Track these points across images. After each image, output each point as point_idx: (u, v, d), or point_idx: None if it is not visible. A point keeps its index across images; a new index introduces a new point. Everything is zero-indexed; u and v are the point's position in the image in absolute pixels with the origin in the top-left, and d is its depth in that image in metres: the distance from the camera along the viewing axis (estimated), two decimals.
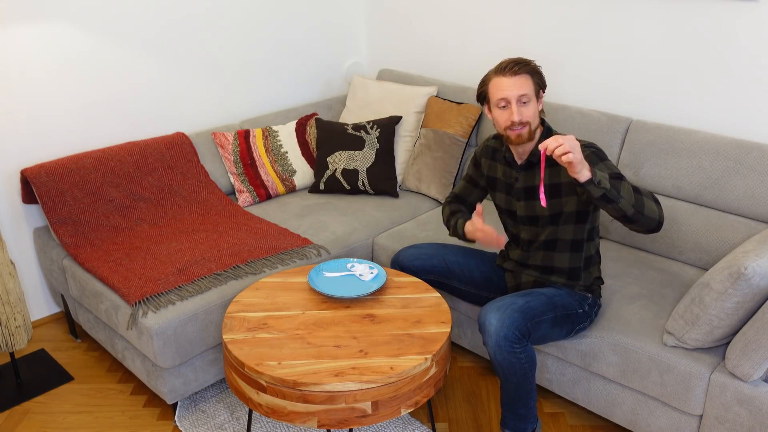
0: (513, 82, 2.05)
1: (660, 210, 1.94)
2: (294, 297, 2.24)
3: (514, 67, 2.05)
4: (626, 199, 1.88)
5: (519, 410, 2.17)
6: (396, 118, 3.23)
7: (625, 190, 1.88)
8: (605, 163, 2.01)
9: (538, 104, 2.11)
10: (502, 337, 2.01)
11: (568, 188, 2.12)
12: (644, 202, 1.91)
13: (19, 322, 2.51)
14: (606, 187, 1.84)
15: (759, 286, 1.92)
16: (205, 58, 3.23)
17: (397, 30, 3.70)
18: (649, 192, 1.96)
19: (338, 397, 1.84)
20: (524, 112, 2.07)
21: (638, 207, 1.89)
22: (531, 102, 2.07)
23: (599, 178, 1.84)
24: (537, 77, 2.08)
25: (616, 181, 1.88)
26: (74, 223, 2.68)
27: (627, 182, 1.91)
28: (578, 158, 1.79)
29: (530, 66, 2.08)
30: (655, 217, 1.92)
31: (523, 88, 2.05)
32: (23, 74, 2.70)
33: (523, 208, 2.23)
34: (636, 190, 1.92)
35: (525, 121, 2.07)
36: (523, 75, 2.06)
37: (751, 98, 2.56)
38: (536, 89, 2.09)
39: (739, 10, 2.50)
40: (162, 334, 2.25)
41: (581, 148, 2.05)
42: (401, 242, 2.80)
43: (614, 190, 1.86)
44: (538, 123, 2.12)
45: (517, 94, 2.05)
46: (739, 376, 1.97)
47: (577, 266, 2.19)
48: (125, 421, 2.46)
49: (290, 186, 3.22)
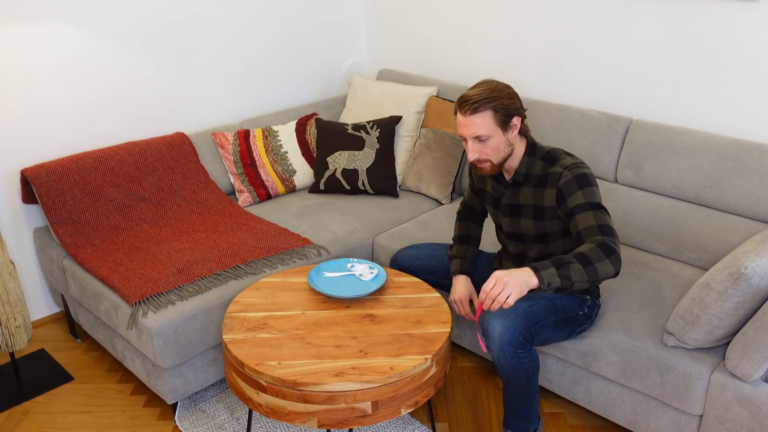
0: (469, 122, 1.99)
1: (614, 260, 1.86)
2: (294, 297, 2.24)
3: (473, 104, 1.97)
4: (579, 280, 1.84)
5: (522, 411, 2.17)
6: (396, 118, 3.23)
7: (576, 272, 1.83)
8: (584, 191, 1.97)
9: (507, 133, 2.03)
10: (506, 342, 2.00)
11: (551, 212, 2.10)
12: (596, 269, 1.85)
13: (19, 322, 2.52)
14: (556, 285, 1.83)
15: (759, 286, 1.92)
16: (205, 58, 3.23)
17: (397, 30, 3.70)
18: (602, 244, 1.88)
19: (338, 397, 1.84)
20: (482, 150, 2.03)
21: (593, 278, 1.85)
22: (492, 138, 2.00)
23: (547, 281, 1.81)
24: (501, 112, 1.98)
25: (564, 270, 1.82)
26: (74, 223, 2.68)
27: (577, 263, 1.84)
28: (518, 290, 1.79)
29: (492, 102, 1.97)
30: (610, 275, 1.88)
31: (481, 129, 1.98)
32: (23, 74, 2.70)
33: (508, 224, 2.23)
34: (586, 261, 1.84)
35: (482, 159, 2.05)
36: (481, 113, 1.97)
37: (751, 98, 2.56)
38: (500, 123, 1.99)
39: (739, 10, 2.50)
40: (162, 334, 2.25)
41: (566, 169, 2.02)
42: (401, 242, 2.80)
43: (566, 281, 1.83)
44: (506, 153, 2.06)
45: (473, 134, 2.00)
46: (739, 376, 1.97)
47: None
48: (125, 421, 2.46)
49: (290, 186, 3.22)
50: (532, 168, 2.10)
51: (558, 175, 2.04)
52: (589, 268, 1.84)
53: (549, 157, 2.09)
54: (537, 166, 2.10)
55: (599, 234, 1.92)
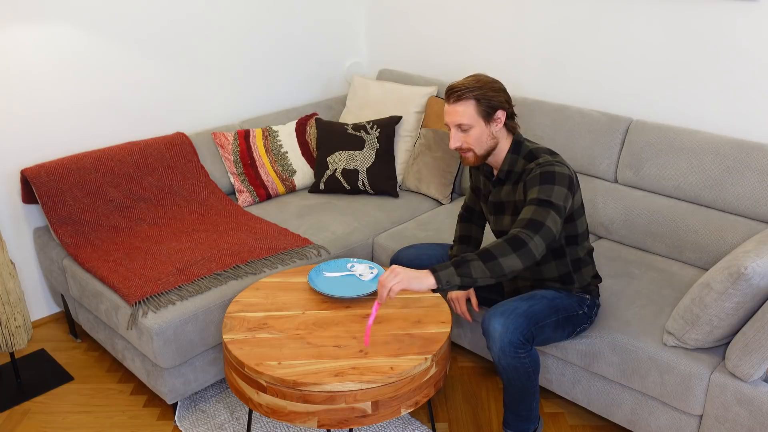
0: (452, 110, 2.04)
1: (523, 254, 1.87)
2: (294, 297, 2.24)
3: (456, 93, 2.02)
4: (482, 276, 1.86)
5: (522, 411, 2.17)
6: (396, 118, 3.23)
7: (476, 269, 1.85)
8: (541, 187, 1.96)
9: (491, 126, 2.05)
10: (507, 342, 2.00)
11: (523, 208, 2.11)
12: (500, 263, 1.86)
13: (19, 322, 2.52)
14: (456, 283, 1.86)
15: (759, 286, 1.92)
16: (205, 58, 3.23)
17: (397, 30, 3.70)
18: (513, 237, 1.89)
19: (338, 397, 1.84)
20: (464, 139, 2.06)
21: (497, 273, 1.86)
22: (474, 128, 2.03)
23: (445, 280, 1.86)
24: (484, 103, 2.01)
25: (464, 269, 1.86)
26: (74, 223, 2.68)
27: (478, 259, 1.86)
28: (408, 284, 1.85)
29: (476, 91, 2.00)
30: (518, 268, 1.88)
31: (463, 117, 2.02)
32: (23, 74, 2.70)
33: (493, 222, 2.24)
34: (489, 257, 1.86)
35: (464, 147, 2.08)
36: (464, 102, 2.01)
37: (751, 98, 2.56)
38: (483, 114, 2.02)
39: (739, 10, 2.50)
40: (162, 334, 2.25)
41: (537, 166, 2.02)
42: (401, 242, 2.80)
43: (466, 278, 1.86)
44: (489, 145, 2.08)
45: (455, 122, 2.04)
46: (739, 376, 1.97)
47: (567, 271, 2.18)
48: (125, 421, 2.46)
49: (290, 186, 3.22)
50: (515, 166, 2.12)
51: (529, 170, 2.06)
52: (491, 264, 1.86)
53: (530, 156, 2.10)
54: (519, 164, 2.11)
55: (522, 227, 1.91)
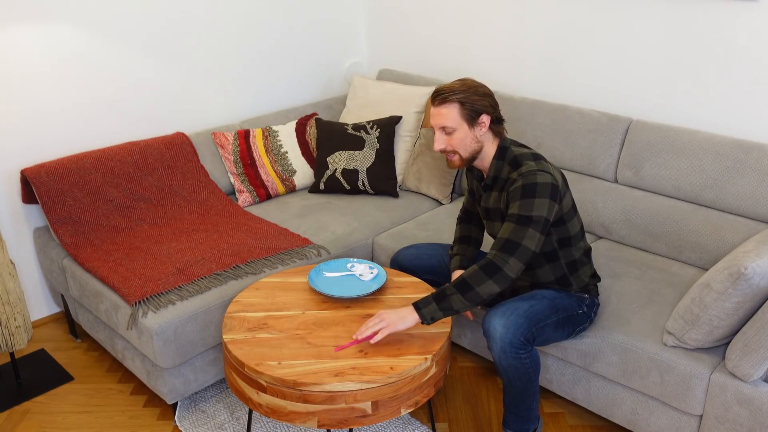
0: (437, 112, 2.07)
1: (498, 279, 1.94)
2: (294, 297, 2.24)
3: (441, 96, 2.04)
4: (462, 307, 1.96)
5: (522, 412, 2.18)
6: (396, 118, 3.23)
7: (456, 302, 1.95)
8: (522, 202, 1.98)
9: (475, 129, 2.06)
10: (508, 342, 2.01)
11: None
12: (478, 292, 1.95)
13: (19, 322, 2.52)
14: (439, 318, 1.97)
15: (759, 286, 1.92)
16: (205, 58, 3.23)
17: (397, 30, 3.70)
18: (488, 264, 1.95)
19: (338, 397, 1.84)
20: (448, 141, 2.08)
21: (476, 301, 1.96)
22: (457, 131, 2.05)
23: (429, 317, 1.96)
24: (468, 107, 2.02)
25: (445, 303, 1.95)
26: (74, 223, 2.68)
27: (457, 293, 1.94)
28: (394, 328, 1.94)
29: (460, 95, 2.02)
30: (495, 293, 1.96)
31: (447, 120, 2.04)
32: (23, 74, 2.70)
33: (487, 226, 2.25)
34: (466, 288, 1.94)
35: (449, 149, 2.10)
36: (449, 105, 2.04)
37: (751, 98, 2.56)
38: (467, 118, 2.04)
39: (739, 10, 2.50)
40: (162, 334, 2.25)
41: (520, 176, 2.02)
42: (401, 242, 2.80)
43: (448, 311, 1.96)
44: (474, 148, 2.09)
45: (440, 124, 2.07)
46: (739, 376, 1.97)
47: (563, 274, 2.18)
48: (125, 421, 2.46)
49: (290, 186, 3.22)
50: (501, 172, 2.12)
51: (513, 181, 2.05)
52: (469, 295, 1.95)
53: (515, 162, 2.09)
54: (505, 170, 2.11)
55: (498, 249, 1.97)
